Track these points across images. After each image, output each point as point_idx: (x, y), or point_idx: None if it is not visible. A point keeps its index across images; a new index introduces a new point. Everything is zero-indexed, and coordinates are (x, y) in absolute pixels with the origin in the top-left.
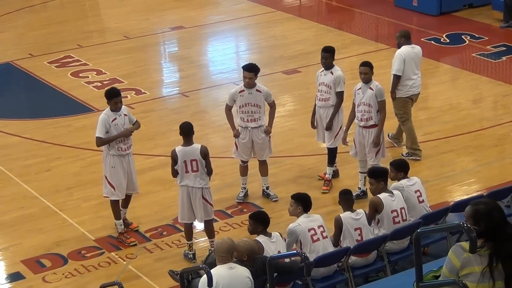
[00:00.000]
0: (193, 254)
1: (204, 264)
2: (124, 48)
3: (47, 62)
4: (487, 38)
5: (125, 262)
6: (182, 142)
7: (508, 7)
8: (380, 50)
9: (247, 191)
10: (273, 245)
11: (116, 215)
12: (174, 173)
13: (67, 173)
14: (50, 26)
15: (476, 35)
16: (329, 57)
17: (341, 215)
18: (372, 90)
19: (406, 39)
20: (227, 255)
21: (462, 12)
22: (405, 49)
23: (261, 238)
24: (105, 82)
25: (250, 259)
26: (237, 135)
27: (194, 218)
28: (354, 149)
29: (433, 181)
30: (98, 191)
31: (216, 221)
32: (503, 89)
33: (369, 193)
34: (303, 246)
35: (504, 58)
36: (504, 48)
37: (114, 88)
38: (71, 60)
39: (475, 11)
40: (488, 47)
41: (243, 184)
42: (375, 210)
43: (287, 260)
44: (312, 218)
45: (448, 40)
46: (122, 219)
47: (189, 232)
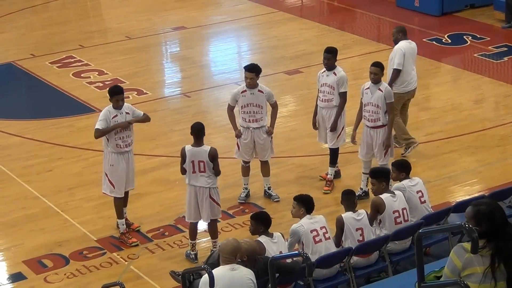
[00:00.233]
0: (195, 255)
1: (206, 265)
2: (126, 49)
3: (49, 63)
4: (489, 39)
5: (127, 263)
6: (192, 142)
7: (510, 8)
8: (382, 51)
9: (249, 192)
10: (275, 246)
11: (119, 214)
12: (183, 171)
13: (69, 174)
14: (52, 27)
15: (478, 36)
16: (332, 58)
17: (343, 215)
18: (381, 92)
19: (404, 34)
20: (231, 257)
21: (464, 13)
22: (404, 44)
23: (263, 239)
24: (107, 83)
25: (251, 260)
26: (239, 136)
27: (200, 218)
28: (363, 150)
29: (435, 182)
30: (100, 192)
31: (218, 222)
32: (505, 90)
33: (371, 194)
34: (305, 247)
35: (506, 59)
36: (506, 49)
37: (117, 86)
38: (73, 61)
39: (477, 12)
40: (490, 48)
41: (245, 185)
42: (377, 211)
43: (289, 261)
44: (315, 220)
45: (450, 41)
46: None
47: (193, 232)
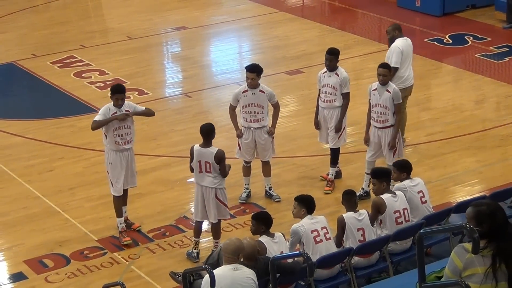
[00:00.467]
0: (197, 253)
1: (206, 265)
2: (127, 49)
3: (50, 63)
4: (490, 39)
5: (128, 263)
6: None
7: (511, 8)
8: (383, 51)
9: (250, 192)
10: (276, 246)
11: (117, 213)
12: (191, 169)
13: (70, 173)
14: (53, 27)
15: (479, 36)
16: (334, 60)
17: (344, 215)
18: (390, 93)
19: (400, 32)
20: (233, 256)
21: (465, 13)
22: (401, 42)
23: (264, 239)
24: (108, 83)
25: (252, 260)
26: (240, 135)
27: (207, 217)
28: (371, 151)
29: (436, 182)
30: (101, 191)
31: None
32: (506, 90)
33: (372, 194)
34: (306, 248)
35: (507, 59)
36: (507, 49)
37: (119, 85)
38: (74, 61)
39: (478, 12)
40: (491, 48)
41: (246, 185)
42: (378, 211)
43: (290, 261)
44: (316, 220)
45: (451, 41)
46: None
47: (198, 230)
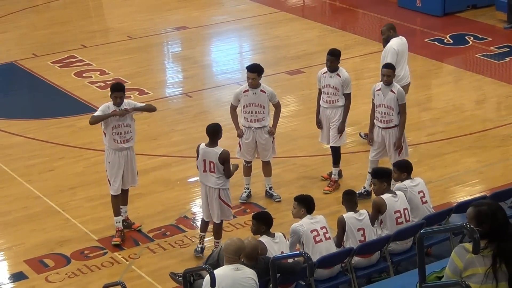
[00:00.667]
0: (202, 248)
1: (206, 265)
2: (128, 48)
3: (51, 62)
4: (491, 39)
5: (128, 262)
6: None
7: None
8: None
9: (250, 192)
10: (276, 246)
11: (115, 212)
12: (198, 167)
13: (70, 173)
14: (54, 26)
15: (480, 36)
16: (335, 61)
17: (344, 216)
18: (394, 93)
19: (394, 31)
20: (234, 257)
21: (466, 13)
22: (396, 42)
23: (264, 239)
24: (109, 82)
25: (253, 259)
26: (241, 135)
27: (211, 218)
28: (375, 151)
29: (436, 182)
30: (101, 191)
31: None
32: (507, 90)
33: (373, 194)
34: (305, 247)
35: (508, 59)
36: (508, 49)
37: (118, 84)
38: (75, 60)
39: (479, 12)
40: (492, 48)
41: (246, 185)
42: (378, 211)
43: (290, 261)
44: (315, 220)
45: (452, 41)
46: (123, 219)
47: (204, 226)
